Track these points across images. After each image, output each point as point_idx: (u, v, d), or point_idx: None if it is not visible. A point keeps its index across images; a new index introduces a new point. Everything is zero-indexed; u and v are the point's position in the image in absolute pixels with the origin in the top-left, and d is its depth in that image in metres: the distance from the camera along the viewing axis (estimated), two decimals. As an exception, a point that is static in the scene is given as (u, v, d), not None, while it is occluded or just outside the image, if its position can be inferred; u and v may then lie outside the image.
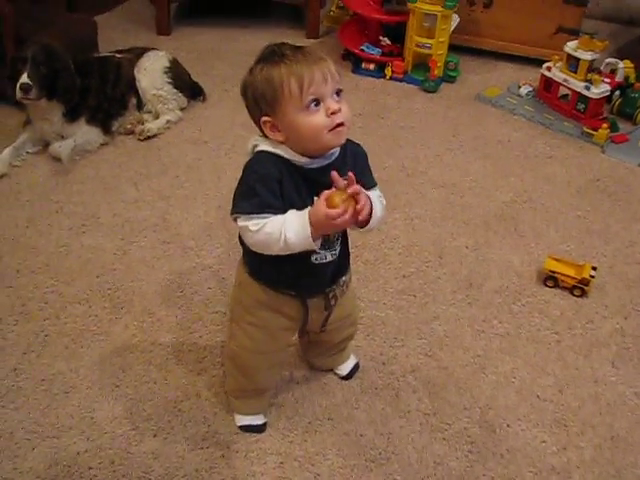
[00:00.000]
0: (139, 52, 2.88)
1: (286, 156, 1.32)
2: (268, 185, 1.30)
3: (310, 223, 1.28)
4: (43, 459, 1.57)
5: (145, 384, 1.76)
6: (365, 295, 2.05)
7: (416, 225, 2.35)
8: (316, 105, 1.28)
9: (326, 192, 1.27)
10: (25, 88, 2.39)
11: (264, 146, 1.34)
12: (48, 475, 1.54)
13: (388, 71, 3.22)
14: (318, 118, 1.28)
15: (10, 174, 2.51)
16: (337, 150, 1.35)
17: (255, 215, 1.30)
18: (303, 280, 1.45)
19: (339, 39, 3.37)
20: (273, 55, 1.31)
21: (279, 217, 1.30)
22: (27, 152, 2.60)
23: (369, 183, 1.42)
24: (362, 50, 3.26)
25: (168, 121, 2.79)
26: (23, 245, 2.18)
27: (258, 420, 1.66)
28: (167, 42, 3.41)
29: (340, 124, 1.29)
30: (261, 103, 1.31)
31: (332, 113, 1.28)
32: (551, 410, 1.76)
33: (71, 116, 2.58)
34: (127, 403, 1.71)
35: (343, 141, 1.33)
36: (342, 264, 1.51)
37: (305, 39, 3.58)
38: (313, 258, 1.41)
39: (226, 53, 3.41)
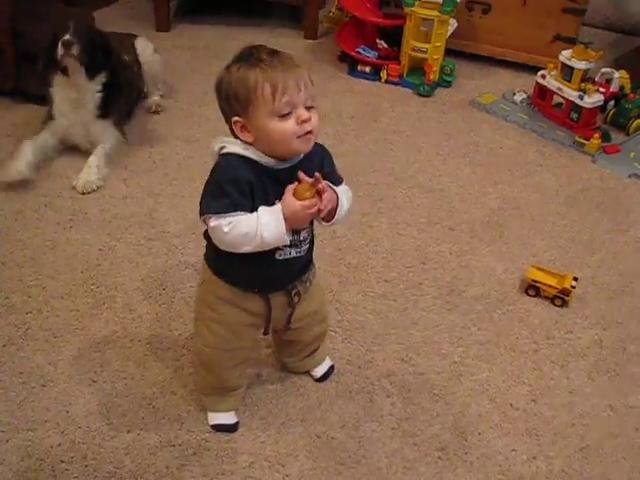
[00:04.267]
0: (128, 40, 2.91)
1: (254, 157, 1.35)
2: (238, 186, 1.33)
3: (284, 218, 1.33)
4: (16, 452, 1.59)
5: (122, 380, 1.78)
6: (345, 299, 2.06)
7: (401, 230, 2.37)
8: (287, 112, 1.31)
9: (290, 186, 1.35)
10: (68, 43, 2.32)
11: (232, 148, 1.36)
12: (20, 467, 1.56)
13: (383, 74, 3.23)
14: (288, 125, 1.31)
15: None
16: None
17: (227, 214, 1.33)
18: (268, 277, 1.48)
19: (336, 40, 3.38)
20: (250, 57, 1.33)
21: (251, 216, 1.34)
22: (47, 154, 2.54)
23: (337, 181, 1.48)
24: (358, 52, 3.26)
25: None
26: (10, 238, 2.19)
27: (230, 419, 1.68)
28: (165, 38, 3.43)
29: (309, 132, 1.33)
30: (233, 102, 1.34)
31: (302, 121, 1.31)
32: (524, 419, 1.77)
33: (102, 113, 2.54)
34: (103, 398, 1.73)
35: (310, 147, 1.37)
36: (307, 260, 1.55)
37: (303, 39, 3.61)
38: (277, 255, 1.43)
39: (223, 51, 3.40)
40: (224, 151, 1.37)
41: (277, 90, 1.29)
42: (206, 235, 1.45)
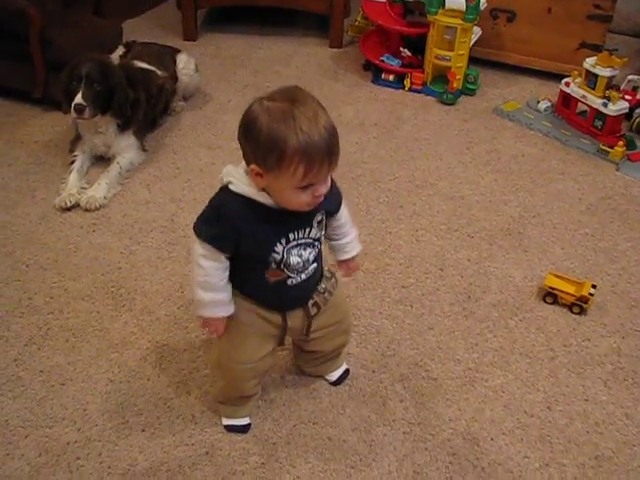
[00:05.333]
0: (170, 55, 3.01)
1: (260, 200, 1.36)
2: (225, 227, 1.38)
3: (203, 313, 1.49)
4: (35, 447, 1.64)
5: (139, 380, 1.81)
6: (362, 304, 2.08)
7: (420, 236, 2.37)
8: (308, 186, 1.32)
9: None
10: (79, 109, 2.41)
11: (240, 188, 1.36)
12: (38, 463, 1.60)
13: (407, 82, 3.24)
14: (303, 196, 1.33)
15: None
16: None
17: (205, 243, 1.40)
18: (284, 300, 1.53)
19: (360, 49, 3.41)
20: (292, 120, 1.25)
21: (216, 279, 1.45)
22: (87, 171, 2.61)
23: (338, 207, 1.56)
24: (382, 61, 3.28)
25: None
26: (35, 241, 2.26)
27: (242, 421, 1.70)
28: (193, 48, 3.48)
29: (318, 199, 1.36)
30: (259, 154, 1.29)
31: (317, 196, 1.34)
32: (537, 426, 1.76)
33: (123, 127, 2.61)
34: (119, 398, 1.76)
35: None
36: (319, 275, 1.58)
37: (328, 48, 3.64)
38: (289, 282, 1.48)
39: (249, 60, 3.47)
40: (232, 188, 1.37)
41: (309, 173, 1.28)
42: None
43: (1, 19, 2.73)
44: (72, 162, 2.56)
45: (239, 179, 1.37)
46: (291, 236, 1.42)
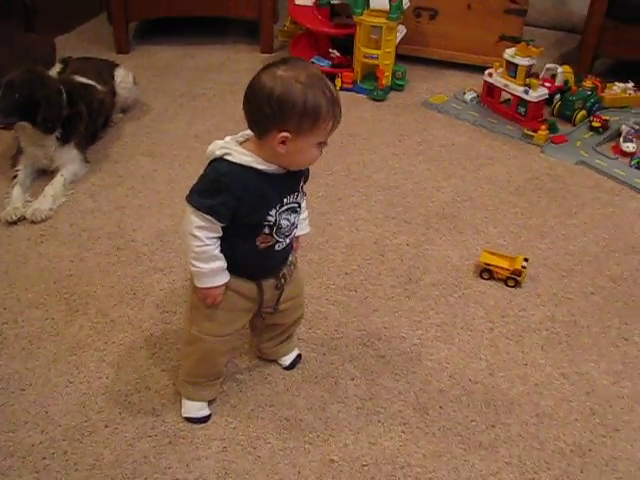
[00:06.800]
0: (107, 69, 3.04)
1: (259, 167, 1.45)
2: (226, 196, 1.44)
3: (200, 283, 1.54)
4: (-1, 452, 1.67)
5: (98, 380, 1.85)
6: (308, 292, 2.15)
7: (359, 226, 2.48)
8: (321, 143, 1.47)
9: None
10: None
11: (239, 157, 1.45)
12: (3, 467, 1.63)
13: (338, 82, 3.35)
14: (317, 152, 1.48)
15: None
16: None
17: (203, 214, 1.45)
18: (267, 266, 1.63)
19: (290, 53, 3.51)
20: (318, 82, 1.41)
21: (212, 250, 1.51)
22: (30, 185, 2.62)
23: (308, 171, 1.64)
24: (312, 62, 3.37)
25: None
26: (-18, 256, 2.28)
27: (203, 412, 1.76)
28: (126, 60, 3.51)
29: None
30: (293, 121, 1.39)
31: (323, 149, 1.49)
32: (482, 392, 1.87)
33: (63, 140, 2.62)
34: (80, 398, 1.80)
35: None
36: (291, 245, 1.68)
37: (260, 53, 3.73)
38: (276, 247, 1.58)
39: (182, 70, 3.54)
40: (229, 159, 1.45)
41: (334, 127, 1.46)
42: None
43: None
44: (15, 176, 2.58)
45: (235, 150, 1.46)
46: (285, 200, 1.52)
